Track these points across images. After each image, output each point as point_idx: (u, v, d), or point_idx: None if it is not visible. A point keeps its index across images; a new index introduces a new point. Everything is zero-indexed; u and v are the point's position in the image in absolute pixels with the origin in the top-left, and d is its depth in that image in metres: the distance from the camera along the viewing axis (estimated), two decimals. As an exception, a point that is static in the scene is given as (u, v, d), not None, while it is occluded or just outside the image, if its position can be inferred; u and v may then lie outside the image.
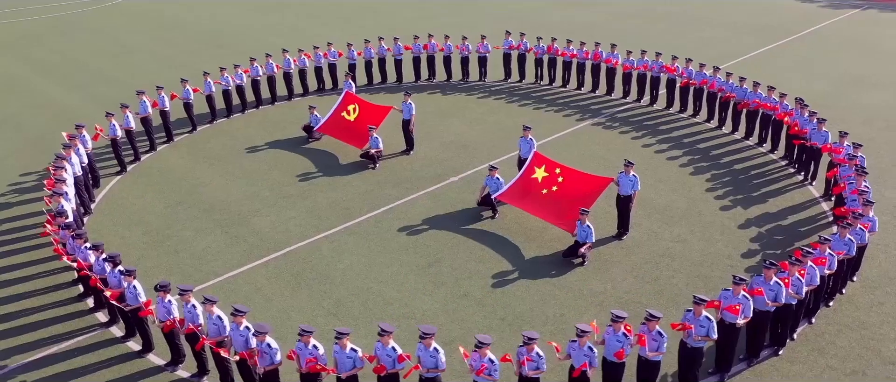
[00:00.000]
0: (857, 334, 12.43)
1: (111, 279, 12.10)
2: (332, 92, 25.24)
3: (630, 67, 23.60)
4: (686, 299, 13.39)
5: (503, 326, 12.79)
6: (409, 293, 13.81)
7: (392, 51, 25.62)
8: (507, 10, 38.55)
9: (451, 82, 26.24)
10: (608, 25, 33.68)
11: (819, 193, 17.42)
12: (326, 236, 15.91)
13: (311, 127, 20.92)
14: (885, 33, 32.83)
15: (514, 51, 25.90)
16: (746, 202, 17.10)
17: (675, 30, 33.30)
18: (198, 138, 21.61)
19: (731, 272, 14.25)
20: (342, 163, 19.54)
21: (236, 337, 10.57)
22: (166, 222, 16.67)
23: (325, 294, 13.84)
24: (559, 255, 14.93)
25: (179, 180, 18.77)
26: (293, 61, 24.22)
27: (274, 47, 26.59)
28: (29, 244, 15.84)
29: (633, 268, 14.49)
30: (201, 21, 38.00)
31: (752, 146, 20.21)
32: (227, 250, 15.45)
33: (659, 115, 22.74)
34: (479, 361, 9.90)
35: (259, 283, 14.23)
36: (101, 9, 42.46)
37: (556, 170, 16.24)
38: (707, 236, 15.65)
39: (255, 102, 23.80)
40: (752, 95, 20.17)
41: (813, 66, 27.41)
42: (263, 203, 17.42)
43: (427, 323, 12.69)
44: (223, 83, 22.46)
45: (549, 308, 13.30)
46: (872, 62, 28.07)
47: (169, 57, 30.88)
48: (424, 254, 15.12)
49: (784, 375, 11.52)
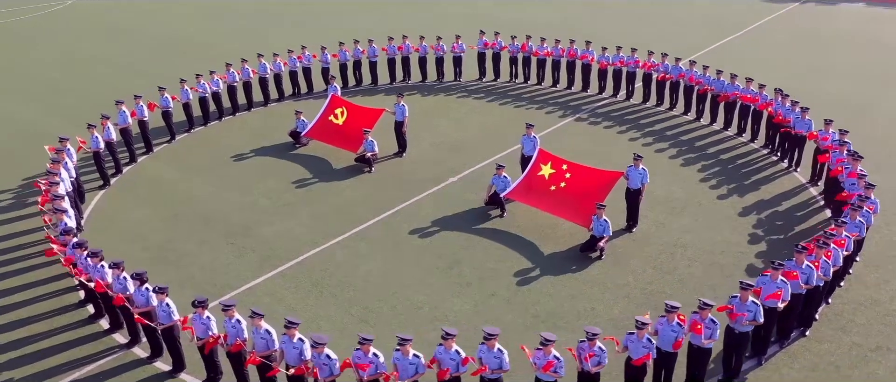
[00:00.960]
0: (873, 311, 13.05)
1: (137, 297, 11.57)
2: (307, 96, 24.83)
3: (606, 64, 24.05)
4: (707, 286, 13.81)
5: (538, 323, 12.85)
6: (436, 296, 13.71)
7: (367, 53, 25.36)
8: (457, 10, 38.69)
9: (426, 83, 26.16)
10: (563, 23, 34.15)
11: (805, 179, 18.18)
12: (338, 242, 15.63)
13: (299, 132, 20.49)
14: (828, 26, 34.52)
15: (488, 50, 26.02)
16: (741, 191, 17.70)
17: (629, 25, 34.03)
18: (178, 148, 20.86)
19: (742, 259, 14.78)
20: (336, 168, 19.22)
21: (289, 351, 10.25)
22: (165, 235, 16.03)
23: (351, 301, 13.59)
24: (575, 250, 15.11)
25: (170, 192, 18.08)
26: (269, 66, 23.65)
27: (237, 53, 25.88)
28: (22, 265, 14.95)
29: (649, 259, 14.80)
30: (154, 27, 36.57)
31: (733, 137, 20.92)
32: (236, 261, 14.98)
33: (638, 109, 23.27)
34: (543, 359, 9.92)
35: (279, 293, 13.85)
36: (42, 16, 40.36)
37: (562, 166, 16.42)
38: (712, 224, 16.13)
39: (231, 109, 23.12)
40: (731, 86, 20.89)
41: (769, 58, 28.55)
42: (264, 212, 16.97)
43: (454, 325, 12.62)
44: (200, 90, 21.74)
45: (579, 303, 13.44)
46: (825, 53, 29.48)
47: (128, 65, 29.65)
48: (442, 256, 15.04)
49: (815, 354, 11.99)
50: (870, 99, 23.78)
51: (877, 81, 25.70)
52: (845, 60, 28.59)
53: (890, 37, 32.43)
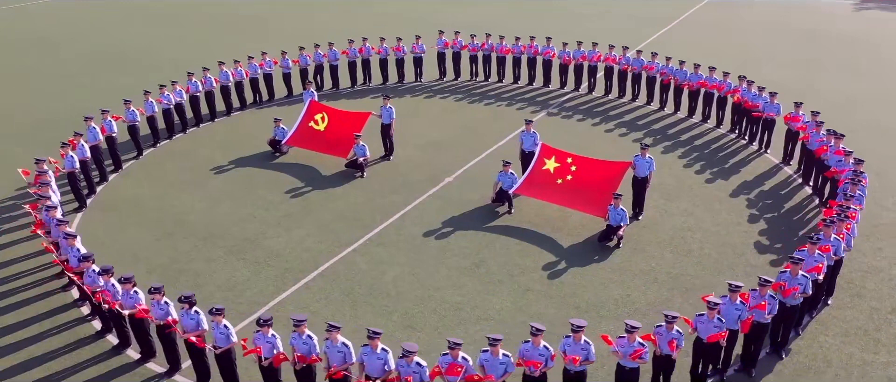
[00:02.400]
0: (878, 277, 14.09)
1: (186, 321, 10.91)
2: (270, 103, 24.08)
3: (569, 59, 24.64)
4: (725, 265, 14.50)
5: (580, 314, 13.03)
6: (473, 296, 13.67)
7: (328, 57, 24.84)
8: (393, 12, 38.58)
9: (388, 85, 25.91)
10: (504, 21, 34.72)
11: (777, 159, 19.33)
12: (354, 249, 15.27)
13: (278, 141, 19.83)
14: (747, 17, 36.79)
15: (448, 49, 26.08)
16: (723, 174, 18.63)
17: (565, 21, 34.97)
18: (147, 164, 19.70)
19: (747, 237, 15.60)
20: (326, 174, 18.74)
21: (372, 362, 9.97)
22: (168, 256, 15.13)
23: (388, 308, 13.33)
24: (592, 241, 15.45)
25: (155, 210, 17.06)
26: (231, 73, 22.74)
27: (183, 63, 24.78)
28: (25, 297, 13.73)
29: (664, 244, 15.33)
30: (90, 37, 34.07)
31: (699, 124, 21.96)
32: (254, 277, 14.36)
33: (603, 102, 24.01)
34: (628, 346, 10.12)
35: (312, 306, 13.39)
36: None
37: (567, 160, 16.73)
38: (709, 207, 16.89)
39: (194, 121, 22.06)
40: (695, 76, 21.91)
41: (706, 47, 30.08)
42: (265, 224, 16.33)
43: (494, 320, 12.79)
44: (164, 102, 20.62)
45: (613, 291, 13.77)
46: (761, 42, 31.39)
47: (67, 76, 27.63)
48: (464, 255, 15.00)
49: (842, 320, 12.82)
50: (809, 84, 25.52)
51: (814, 67, 27.65)
52: (777, 48, 30.54)
53: (802, 24, 34.98)
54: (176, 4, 41.31)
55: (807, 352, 12.03)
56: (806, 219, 16.41)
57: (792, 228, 15.99)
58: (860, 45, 31.68)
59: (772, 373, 11.59)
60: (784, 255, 14.81)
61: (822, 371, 11.61)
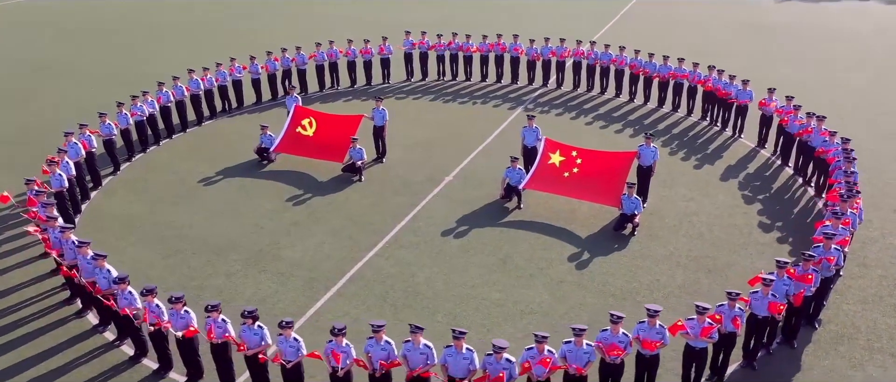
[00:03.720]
0: (875, 246, 15.13)
1: (249, 336, 10.49)
2: (241, 110, 23.33)
3: (537, 56, 25.07)
4: (739, 247, 15.20)
5: (618, 302, 13.36)
6: (509, 291, 13.75)
7: (296, 61, 24.29)
8: (342, 13, 38.15)
9: (356, 88, 25.60)
10: (457, 20, 34.91)
11: (752, 143, 20.36)
12: (376, 253, 15.05)
13: (266, 148, 19.25)
14: (682, 12, 38.46)
15: (415, 49, 26.02)
16: (707, 160, 19.48)
17: (518, 18, 35.57)
18: (128, 179, 18.69)
19: (749, 218, 16.39)
20: (322, 180, 18.35)
21: (458, 363, 9.90)
22: (183, 273, 14.43)
23: (430, 310, 13.22)
24: (607, 230, 15.83)
25: (153, 226, 16.23)
26: (202, 81, 21.87)
27: (138, 74, 23.64)
28: (30, 328, 12.78)
29: (675, 229, 15.89)
30: (24, 51, 31.86)
31: (670, 113, 22.85)
32: (282, 289, 13.91)
33: (574, 96, 24.58)
34: (697, 327, 10.47)
35: (352, 313, 13.12)
36: None
37: (572, 153, 17.05)
38: (705, 192, 17.63)
39: (165, 132, 21.10)
40: (664, 67, 22.78)
41: (652, 42, 31.11)
42: (275, 234, 15.84)
43: (538, 313, 12.97)
44: (138, 113, 19.62)
45: (643, 277, 14.17)
46: (703, 35, 32.85)
47: (9, 91, 25.86)
48: (488, 253, 15.05)
49: (858, 289, 13.68)
50: (764, 75, 26.91)
51: (758, 58, 29.22)
52: (720, 40, 32.10)
53: (736, 17, 36.92)
54: (109, 16, 39.32)
55: (836, 321, 12.77)
56: (795, 198, 17.37)
57: (785, 207, 16.91)
58: (794, 35, 33.75)
59: (812, 342, 12.25)
60: (787, 232, 15.70)
61: (855, 337, 12.36)
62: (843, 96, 24.69)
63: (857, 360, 11.82)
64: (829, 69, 28.12)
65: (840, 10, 39.63)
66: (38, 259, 14.84)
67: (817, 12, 39.16)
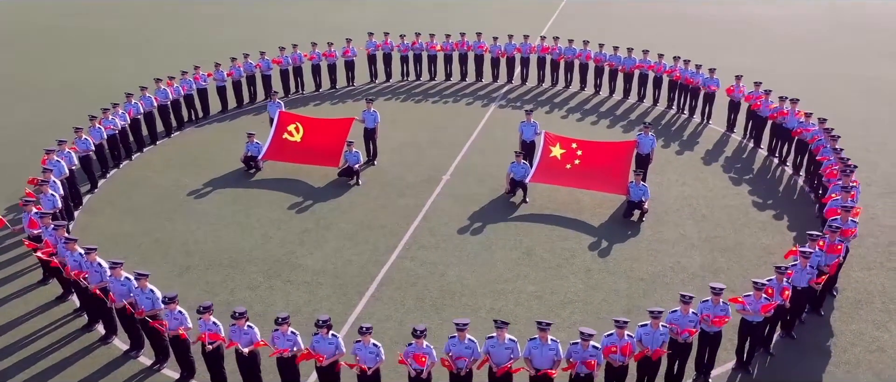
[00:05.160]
0: (861, 217, 16.23)
1: (324, 348, 10.19)
2: (209, 120, 22.44)
3: (503, 53, 25.39)
4: (743, 225, 15.98)
5: (648, 285, 13.79)
6: (543, 282, 13.92)
7: (261, 67, 23.60)
8: (286, 17, 37.30)
9: (321, 92, 25.13)
10: (398, 21, 34.79)
11: (722, 128, 21.42)
12: (399, 255, 14.88)
13: (253, 157, 18.62)
14: (617, 7, 39.85)
15: (379, 51, 25.79)
16: (685, 145, 20.36)
17: (466, 16, 35.83)
18: (108, 196, 17.61)
19: (741, 199, 17.23)
20: (318, 186, 17.94)
21: (543, 354, 9.97)
22: (202, 289, 13.75)
23: (471, 307, 13.20)
24: (617, 218, 16.30)
25: (156, 244, 15.37)
26: (170, 91, 20.88)
27: (91, 87, 22.33)
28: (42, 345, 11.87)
29: (679, 213, 16.53)
30: None
31: (637, 103, 23.70)
32: (313, 297, 13.53)
33: (542, 91, 25.06)
34: (757, 303, 10.98)
35: (394, 316, 12.93)
36: None
37: (572, 145, 17.41)
38: (694, 176, 18.43)
39: (137, 145, 20.02)
40: (629, 60, 23.60)
41: (597, 36, 32.19)
42: (287, 243, 15.36)
43: (579, 302, 13.26)
44: (112, 127, 18.54)
45: (664, 260, 14.67)
46: (643, 27, 34.12)
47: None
48: (510, 247, 15.17)
49: (859, 257, 14.63)
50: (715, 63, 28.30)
51: (703, 48, 30.66)
52: (660, 32, 33.46)
53: (670, 9, 38.59)
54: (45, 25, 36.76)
55: (849, 288, 13.66)
56: (777, 177, 18.43)
57: (770, 186, 17.91)
58: (728, 25, 35.65)
59: (835, 309, 13.07)
60: (780, 209, 16.66)
61: (872, 301, 13.29)
62: (782, 79, 26.26)
63: (881, 322, 12.71)
64: (767, 54, 29.87)
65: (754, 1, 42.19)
66: (38, 286, 13.83)
67: (735, 4, 41.44)
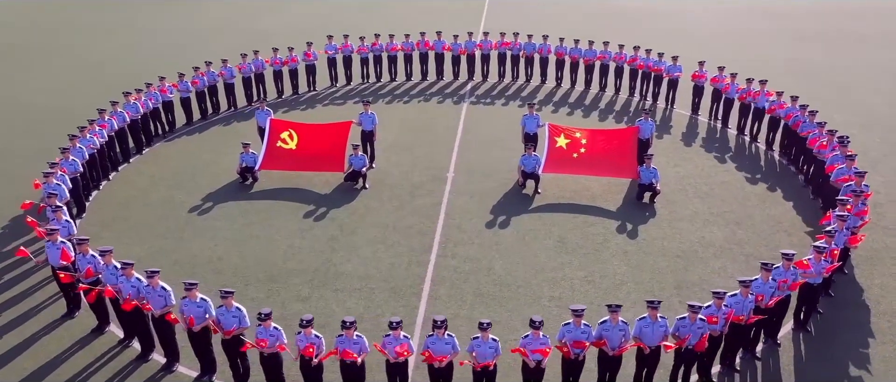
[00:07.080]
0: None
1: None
2: (181, 131, 21.27)
3: (464, 51, 25.62)
4: (745, 199, 17.03)
5: (684, 262, 14.45)
6: (589, 268, 14.27)
7: (224, 75, 22.62)
8: (221, 22, 35.75)
9: (284, 98, 24.41)
10: (324, 23, 34.31)
11: (687, 112, 22.67)
12: (438, 255, 14.78)
13: (250, 168, 17.86)
14: (539, 4, 41.04)
15: (339, 54, 25.36)
16: (663, 130, 21.37)
17: (393, 17, 35.69)
18: (101, 217, 16.34)
19: (732, 175, 18.34)
20: (325, 192, 17.47)
21: (655, 331, 10.33)
22: (252, 308, 12.95)
23: (530, 297, 13.35)
24: (630, 200, 16.95)
25: (178, 265, 14.37)
26: (140, 105, 19.61)
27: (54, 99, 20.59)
28: None
29: (684, 192, 17.40)
30: None
31: (600, 93, 24.64)
32: (368, 302, 13.21)
33: (507, 86, 25.50)
34: (819, 265, 11.83)
35: (462, 314, 12.86)
36: None
37: (575, 134, 17.91)
38: (683, 157, 19.44)
39: (122, 156, 18.87)
40: (590, 51, 24.56)
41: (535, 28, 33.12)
42: (318, 252, 14.89)
43: (631, 282, 13.76)
44: (91, 146, 17.22)
45: (691, 236, 15.42)
46: (576, 21, 35.27)
47: None
48: (543, 237, 15.42)
49: (871, 241, 15.93)
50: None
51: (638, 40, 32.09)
52: (592, 25, 34.77)
53: (588, 7, 40.17)
54: None
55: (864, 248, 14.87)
56: (755, 153, 19.74)
57: (752, 162, 19.18)
58: (656, 17, 37.54)
59: (856, 267, 14.25)
60: (770, 182, 17.90)
61: (883, 260, 14.59)
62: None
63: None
64: (694, 42, 31.80)
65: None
66: (63, 320, 12.69)
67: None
